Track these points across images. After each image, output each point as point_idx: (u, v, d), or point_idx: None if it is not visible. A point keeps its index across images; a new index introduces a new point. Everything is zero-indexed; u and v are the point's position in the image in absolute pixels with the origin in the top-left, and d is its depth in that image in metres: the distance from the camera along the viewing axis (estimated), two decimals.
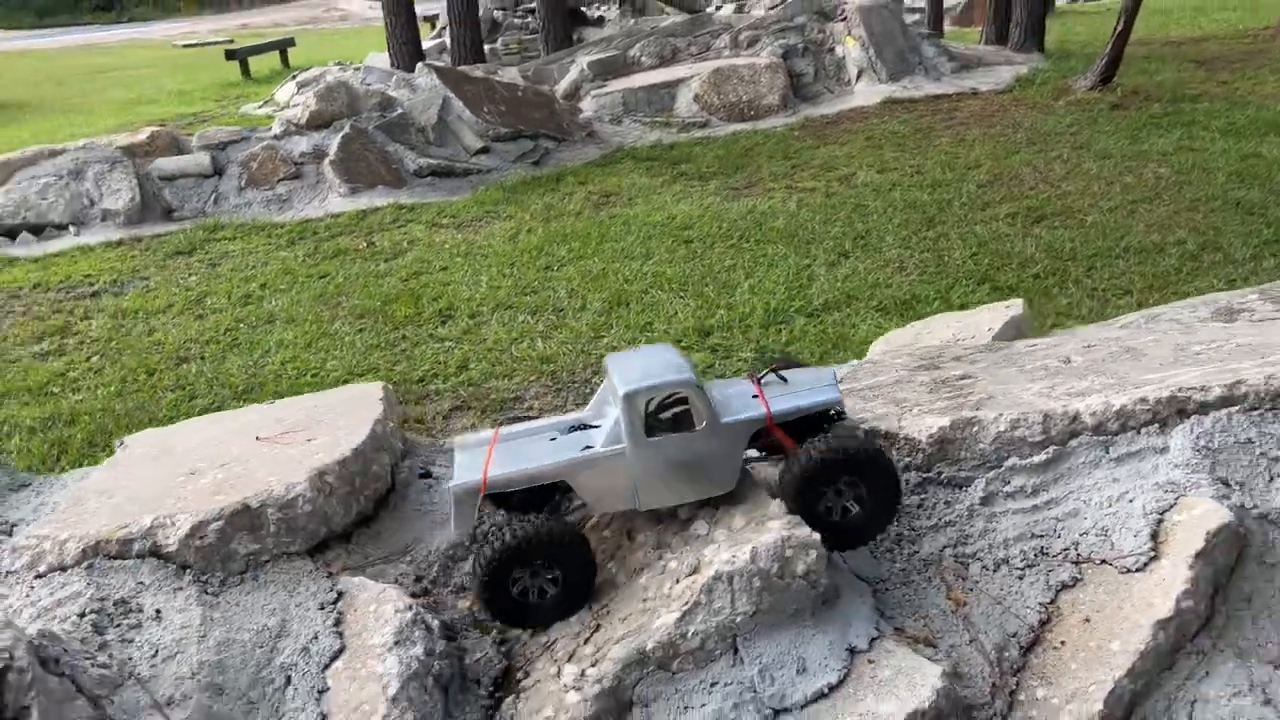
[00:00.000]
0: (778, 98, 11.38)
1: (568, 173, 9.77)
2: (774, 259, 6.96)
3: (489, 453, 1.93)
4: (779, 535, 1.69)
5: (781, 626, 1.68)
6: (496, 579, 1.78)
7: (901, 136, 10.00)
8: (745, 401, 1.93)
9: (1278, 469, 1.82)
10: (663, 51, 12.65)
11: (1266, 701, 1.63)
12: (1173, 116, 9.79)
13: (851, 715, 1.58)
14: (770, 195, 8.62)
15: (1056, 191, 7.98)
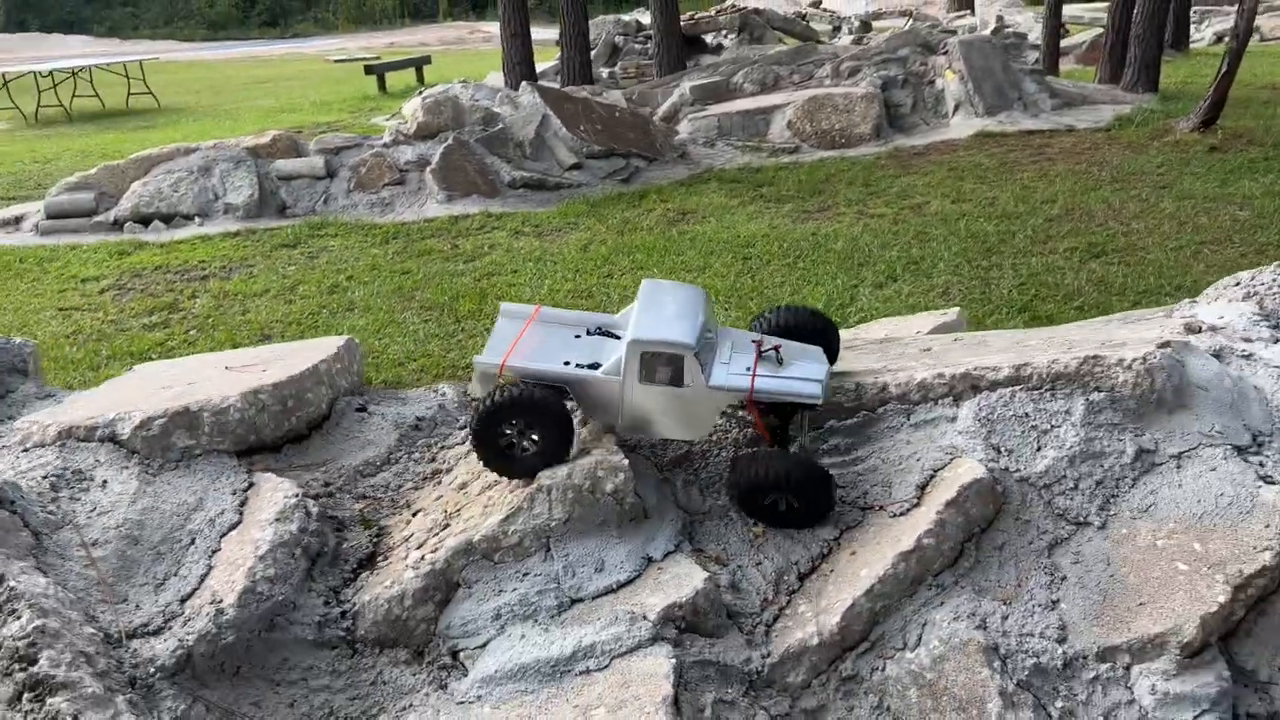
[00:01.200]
0: (870, 127, 11.56)
1: (652, 190, 10.23)
2: (823, 278, 7.22)
3: (519, 335, 2.23)
4: (594, 459, 2.05)
5: (589, 534, 2.04)
6: (487, 431, 2.12)
7: (984, 169, 10.06)
8: (739, 369, 2.15)
9: (1045, 440, 2.07)
10: (765, 79, 13.01)
11: (979, 626, 1.90)
12: (1271, 161, 9.53)
13: (627, 604, 1.93)
14: (838, 219, 8.86)
15: (1124, 229, 7.95)
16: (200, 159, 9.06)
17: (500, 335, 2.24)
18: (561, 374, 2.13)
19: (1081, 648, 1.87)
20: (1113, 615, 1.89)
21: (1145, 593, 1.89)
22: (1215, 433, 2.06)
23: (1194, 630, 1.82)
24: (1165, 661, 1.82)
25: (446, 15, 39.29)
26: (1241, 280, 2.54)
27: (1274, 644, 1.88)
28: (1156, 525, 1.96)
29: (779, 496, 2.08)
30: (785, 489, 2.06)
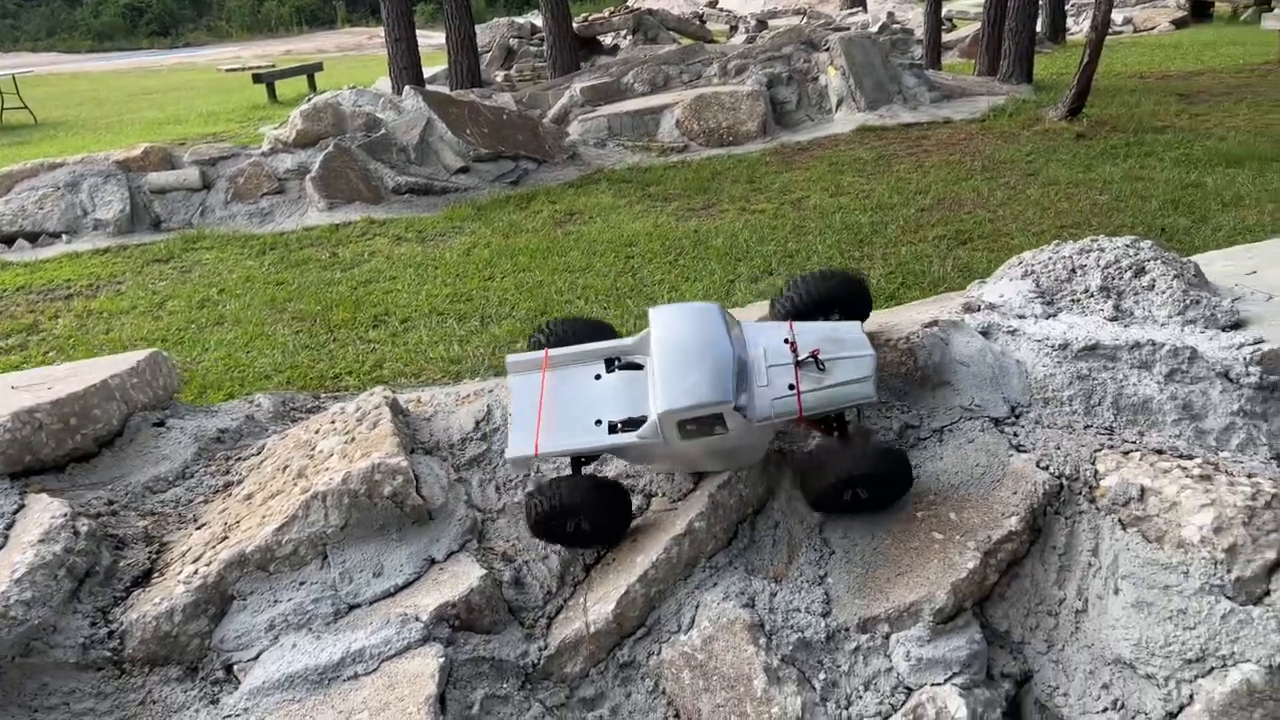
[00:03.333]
0: (756, 124, 11.71)
1: (541, 192, 10.21)
2: (702, 274, 7.30)
3: (540, 405, 2.04)
4: (371, 463, 2.04)
5: (369, 538, 2.03)
6: (547, 529, 2.04)
7: (863, 163, 10.28)
8: (781, 389, 1.99)
9: None
10: (655, 79, 13.08)
11: (747, 605, 1.94)
12: (1132, 146, 9.93)
13: (403, 606, 1.93)
14: (721, 216, 8.96)
15: (991, 216, 8.20)
16: (67, 174, 8.75)
17: (521, 404, 2.07)
18: (600, 446, 2.00)
19: (844, 620, 1.93)
20: (874, 587, 1.95)
21: (904, 563, 1.95)
22: (974, 406, 2.14)
23: (946, 597, 1.89)
24: (920, 628, 1.88)
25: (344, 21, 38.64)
26: (1024, 259, 2.65)
27: (1025, 606, 1.96)
28: (917, 497, 2.03)
29: (857, 489, 2.00)
30: (862, 481, 1.98)
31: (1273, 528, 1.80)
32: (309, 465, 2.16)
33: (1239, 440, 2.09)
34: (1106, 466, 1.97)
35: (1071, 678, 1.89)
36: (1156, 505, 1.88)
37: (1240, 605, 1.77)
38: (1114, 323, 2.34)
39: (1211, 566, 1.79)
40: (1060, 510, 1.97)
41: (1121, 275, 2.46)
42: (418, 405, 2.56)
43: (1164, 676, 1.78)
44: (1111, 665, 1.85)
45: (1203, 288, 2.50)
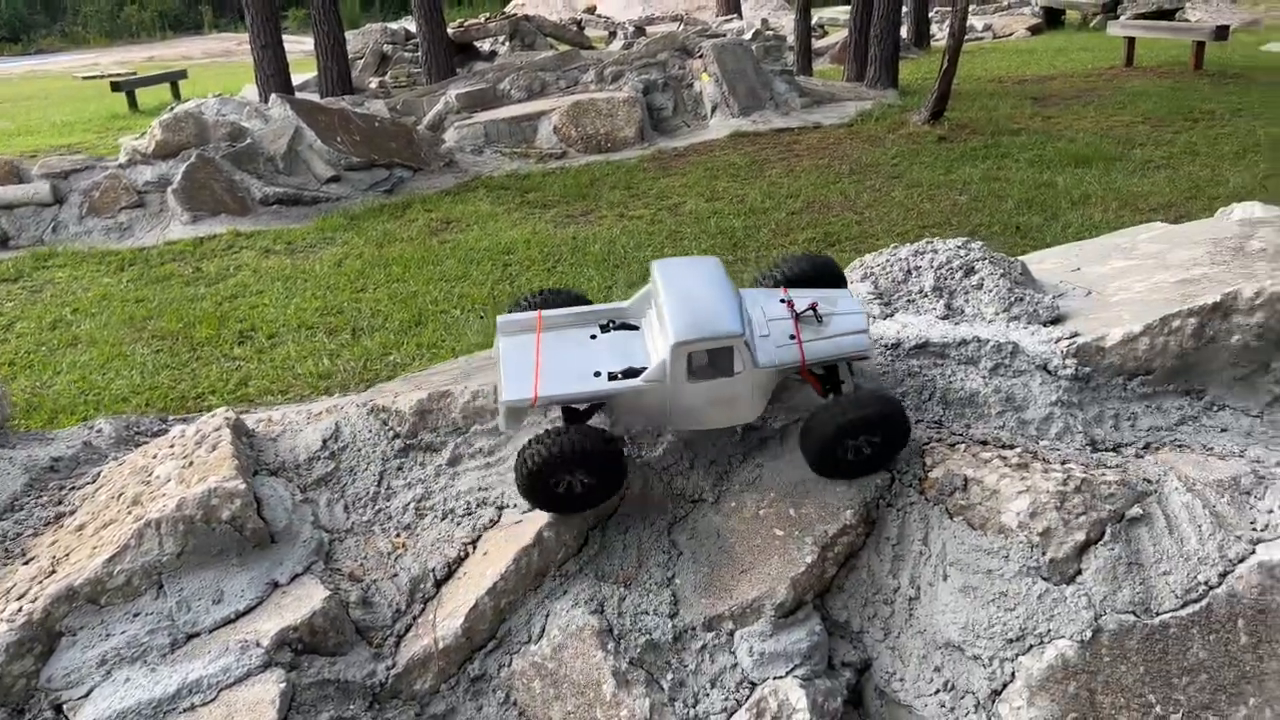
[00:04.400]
0: (634, 130, 11.81)
1: (416, 200, 10.07)
2: (579, 281, 7.32)
3: (537, 357, 1.99)
4: (207, 487, 1.98)
5: (207, 565, 1.98)
6: (541, 485, 1.94)
7: (738, 168, 10.48)
8: (781, 339, 2.03)
9: None
10: (532, 85, 13.05)
11: (596, 611, 1.96)
12: (990, 148, 10.40)
13: (243, 632, 1.88)
14: (600, 222, 9.01)
15: (858, 218, 8.47)
16: None
17: (514, 358, 2.02)
18: (601, 392, 1.95)
19: (690, 620, 1.97)
20: (719, 585, 2.00)
21: (747, 560, 2.01)
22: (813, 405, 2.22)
23: (786, 591, 1.95)
24: (762, 624, 1.94)
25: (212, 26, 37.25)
26: (865, 262, 2.75)
27: (863, 596, 2.04)
28: (761, 495, 2.09)
29: (858, 443, 2.00)
30: (871, 430, 1.97)
31: (1082, 511, 1.91)
32: (145, 492, 2.09)
33: (1057, 429, 2.22)
34: (934, 459, 2.07)
35: (907, 663, 1.97)
36: (979, 494, 1.98)
37: (1055, 585, 1.88)
38: (945, 321, 2.46)
39: (1028, 550, 1.90)
40: (892, 502, 2.06)
41: (953, 275, 2.58)
42: (268, 425, 2.49)
43: (988, 656, 1.88)
44: (942, 649, 1.94)
45: (1028, 285, 2.64)
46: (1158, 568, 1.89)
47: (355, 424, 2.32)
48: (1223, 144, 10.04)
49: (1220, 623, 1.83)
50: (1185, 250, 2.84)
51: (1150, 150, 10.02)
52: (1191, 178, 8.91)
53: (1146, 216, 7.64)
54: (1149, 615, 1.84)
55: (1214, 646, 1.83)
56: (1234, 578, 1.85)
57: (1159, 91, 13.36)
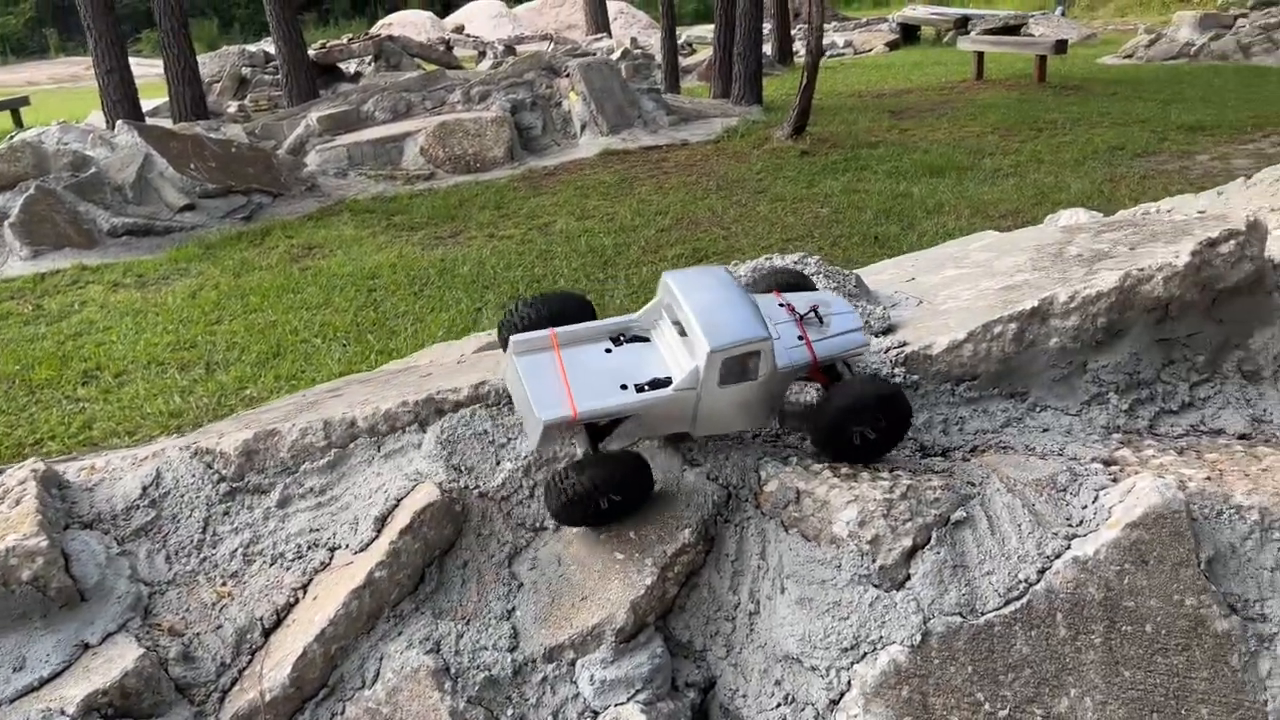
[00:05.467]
0: (503, 150, 11.73)
1: (277, 227, 9.76)
2: (448, 304, 7.21)
3: (563, 375, 1.99)
4: (5, 546, 1.85)
5: (7, 630, 1.84)
6: (582, 508, 1.96)
7: (608, 186, 10.53)
8: (791, 341, 2.11)
9: (503, 453, 2.13)
10: (397, 106, 12.83)
11: (433, 650, 1.91)
12: (850, 161, 10.73)
13: (47, 700, 1.75)
14: (469, 243, 8.91)
15: (725, 233, 8.60)
16: None
17: (537, 377, 1.99)
18: (635, 404, 1.97)
19: (531, 652, 1.93)
20: (560, 614, 1.97)
21: (588, 587, 1.99)
22: None
23: (626, 616, 1.93)
24: (604, 650, 1.92)
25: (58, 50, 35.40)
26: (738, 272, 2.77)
27: (705, 614, 2.05)
28: None
29: (864, 427, 2.06)
30: (872, 414, 2.04)
31: (908, 517, 1.96)
32: None
33: None
34: (768, 472, 2.09)
35: (749, 679, 1.98)
36: (811, 506, 2.01)
37: (885, 592, 1.92)
38: None
39: (859, 558, 1.93)
40: (730, 518, 2.07)
41: None
42: (90, 473, 2.34)
43: (825, 667, 1.90)
44: (782, 662, 1.95)
45: (862, 296, 2.71)
46: (981, 568, 1.95)
47: (177, 469, 2.20)
48: (1064, 152, 10.61)
49: (1040, 618, 1.90)
50: (1010, 257, 2.96)
51: (999, 159, 10.51)
52: (1037, 184, 9.37)
53: (996, 223, 8.00)
54: (975, 615, 1.90)
55: (1036, 641, 1.90)
56: (1051, 574, 1.92)
57: (1006, 103, 14.05)
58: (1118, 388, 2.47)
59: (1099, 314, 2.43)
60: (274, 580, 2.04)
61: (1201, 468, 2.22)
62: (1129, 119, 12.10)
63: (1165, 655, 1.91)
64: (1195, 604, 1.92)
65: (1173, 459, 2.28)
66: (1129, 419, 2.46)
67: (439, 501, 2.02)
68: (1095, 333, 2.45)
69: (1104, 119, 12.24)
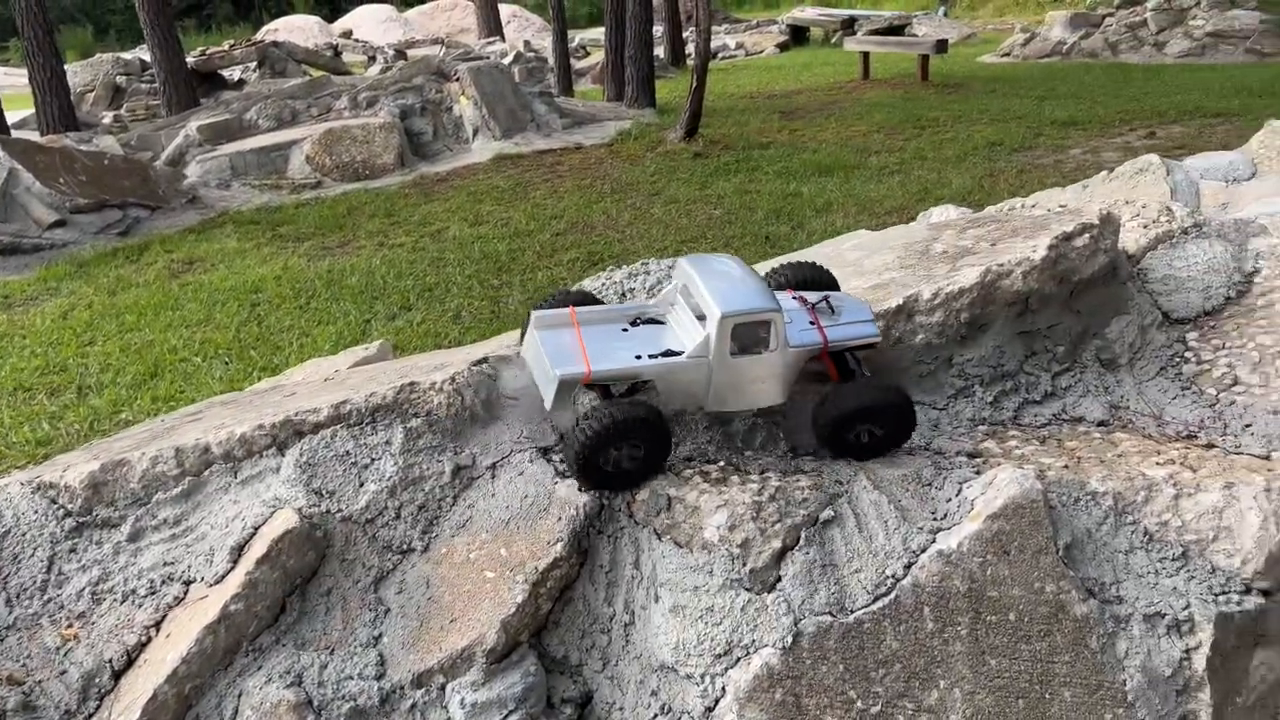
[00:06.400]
0: (393, 156, 11.52)
1: (155, 241, 9.39)
2: (335, 315, 7.02)
3: (580, 340, 2.06)
4: None
5: None
6: (593, 461, 1.99)
7: (501, 191, 10.43)
8: (802, 324, 2.16)
9: (366, 475, 2.06)
10: (281, 114, 12.48)
11: (294, 683, 1.83)
12: (741, 163, 10.86)
13: None
14: (358, 253, 8.70)
15: (620, 236, 8.60)
16: None
17: (555, 344, 2.06)
18: (649, 367, 2.03)
19: (399, 679, 1.87)
20: (429, 638, 1.91)
21: (458, 608, 1.94)
22: (524, 438, 2.18)
23: (496, 635, 1.89)
24: (474, 672, 1.87)
25: None
26: (584, 287, 2.75)
27: (580, 628, 2.02)
28: (471, 538, 2.03)
29: (866, 427, 2.11)
30: (871, 418, 2.09)
31: (777, 518, 1.97)
32: None
33: (761, 438, 2.28)
34: None
35: (625, 691, 1.96)
36: (682, 512, 2.00)
37: (756, 595, 1.92)
38: None
39: (730, 562, 1.93)
40: (603, 529, 2.05)
41: None
42: None
43: (700, 674, 1.89)
44: (658, 672, 1.94)
45: None
46: (850, 566, 1.96)
47: (18, 505, 2.07)
48: (946, 148, 10.94)
49: (908, 612, 1.93)
50: (879, 256, 3.01)
51: (885, 157, 10.78)
52: (920, 181, 9.64)
53: (882, 220, 8.19)
54: (844, 614, 1.91)
55: (904, 636, 1.92)
56: (917, 568, 1.95)
57: (892, 102, 14.42)
58: (982, 380, 2.54)
59: (962, 309, 2.49)
60: (125, 619, 1.93)
61: (1061, 456, 2.29)
62: (1007, 115, 12.55)
63: (1029, 642, 1.96)
64: (1055, 590, 1.97)
65: (1034, 449, 2.34)
66: (994, 411, 2.52)
67: (298, 528, 1.94)
68: (959, 328, 2.51)
69: (983, 116, 12.67)
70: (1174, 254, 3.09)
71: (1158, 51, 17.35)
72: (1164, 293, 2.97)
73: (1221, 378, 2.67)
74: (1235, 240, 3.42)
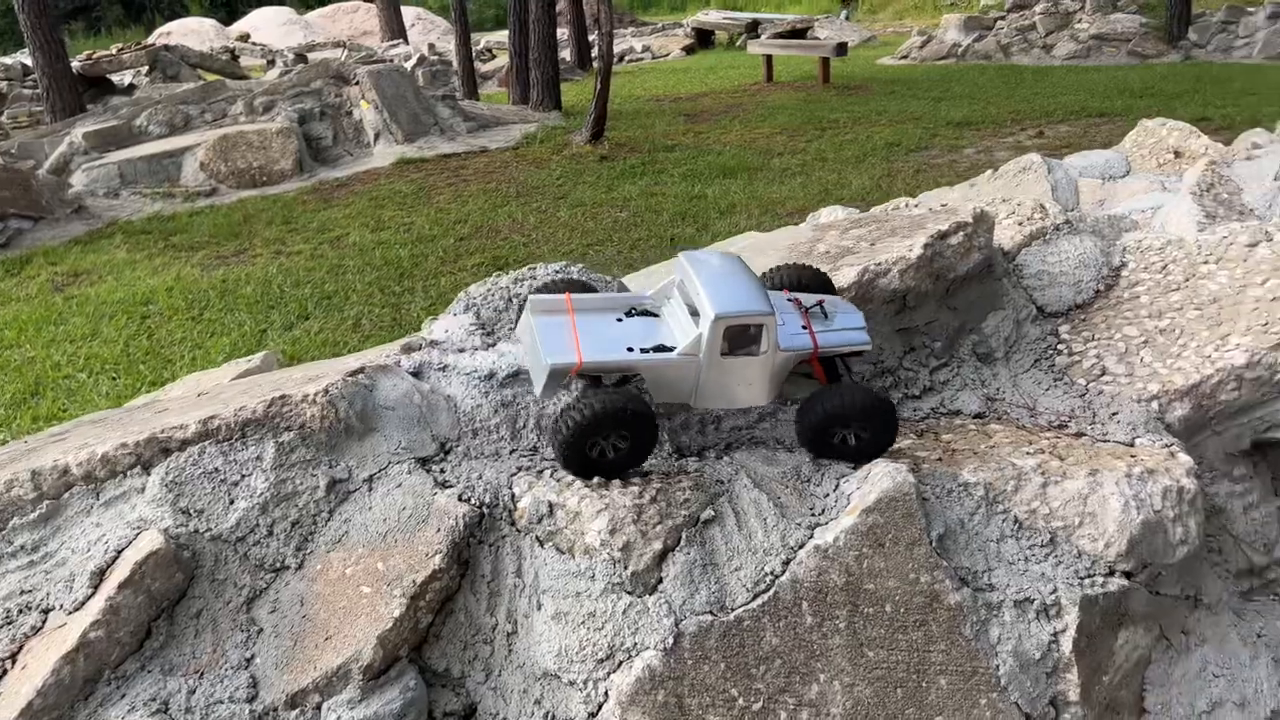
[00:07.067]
0: (291, 162, 11.25)
1: (38, 254, 9.01)
2: (229, 326, 6.83)
3: (574, 330, 2.07)
4: None
5: None
6: (579, 448, 2.00)
7: (404, 196, 10.27)
8: (795, 328, 2.18)
9: (237, 492, 2.00)
10: (174, 119, 12.09)
11: (160, 711, 1.77)
12: (647, 165, 10.90)
13: None
14: (254, 261, 8.47)
15: (525, 240, 8.55)
16: None
17: (549, 330, 2.07)
18: (639, 361, 2.04)
19: (272, 700, 1.82)
20: (303, 657, 1.86)
21: (333, 626, 1.89)
22: (402, 449, 2.14)
23: (373, 652, 1.85)
24: (351, 690, 1.83)
25: None
26: (469, 293, 2.71)
27: (463, 640, 1.99)
28: (348, 553, 1.98)
29: (848, 431, 2.13)
30: (854, 420, 2.11)
31: (658, 520, 1.97)
32: None
33: None
34: (521, 488, 2.06)
35: (509, 701, 1.94)
36: (564, 518, 1.99)
37: (638, 597, 1.92)
38: None
39: (612, 567, 1.93)
40: (484, 539, 2.02)
41: None
42: None
43: (583, 680, 1.88)
44: (541, 680, 1.92)
45: None
46: (730, 564, 1.98)
47: None
48: (846, 149, 11.16)
49: (787, 608, 1.95)
50: (766, 257, 3.05)
51: (787, 159, 10.95)
52: (822, 182, 9.81)
53: (784, 220, 8.31)
54: (725, 612, 1.93)
55: (784, 632, 1.94)
56: (796, 564, 1.98)
57: (794, 104, 14.66)
58: (862, 377, 2.58)
59: None
60: None
61: (936, 448, 2.34)
62: (904, 117, 12.87)
63: (905, 632, 2.00)
64: (929, 580, 2.02)
65: (912, 442, 2.40)
66: None
67: (163, 549, 1.87)
68: None
69: (882, 117, 12.96)
70: (1047, 250, 3.21)
71: (1046, 54, 18.02)
72: (1038, 287, 3.08)
73: (1091, 368, 2.77)
74: (1108, 235, 3.57)
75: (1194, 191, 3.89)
